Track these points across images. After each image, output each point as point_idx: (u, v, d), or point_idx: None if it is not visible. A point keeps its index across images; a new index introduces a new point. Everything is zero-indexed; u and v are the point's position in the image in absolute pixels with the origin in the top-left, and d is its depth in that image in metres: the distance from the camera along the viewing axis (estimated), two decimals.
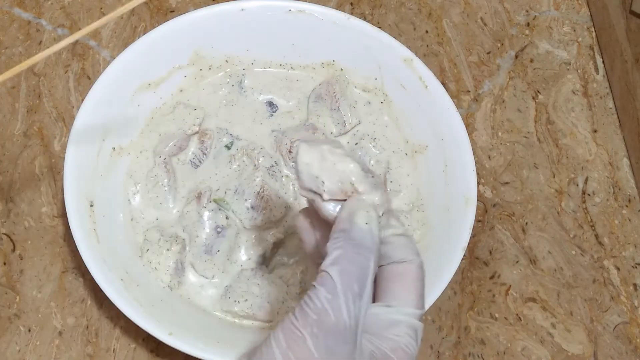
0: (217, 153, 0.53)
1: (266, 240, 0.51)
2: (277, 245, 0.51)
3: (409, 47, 0.53)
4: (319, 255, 0.35)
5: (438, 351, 0.51)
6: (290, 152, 0.52)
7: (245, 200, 0.51)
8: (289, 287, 0.49)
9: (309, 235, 0.36)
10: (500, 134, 0.59)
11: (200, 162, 0.53)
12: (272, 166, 0.52)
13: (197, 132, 0.54)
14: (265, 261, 0.51)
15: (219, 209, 0.51)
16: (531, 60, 0.63)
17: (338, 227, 0.32)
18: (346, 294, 0.29)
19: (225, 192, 0.51)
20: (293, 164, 0.52)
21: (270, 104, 0.55)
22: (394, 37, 0.53)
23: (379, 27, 0.55)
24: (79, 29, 0.61)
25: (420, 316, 0.33)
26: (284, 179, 0.53)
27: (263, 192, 0.51)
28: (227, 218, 0.51)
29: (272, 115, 0.55)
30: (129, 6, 0.33)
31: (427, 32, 0.63)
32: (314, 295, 0.29)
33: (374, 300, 0.33)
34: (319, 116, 0.54)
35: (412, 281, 0.33)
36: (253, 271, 0.50)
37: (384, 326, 0.32)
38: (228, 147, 0.53)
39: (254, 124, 0.54)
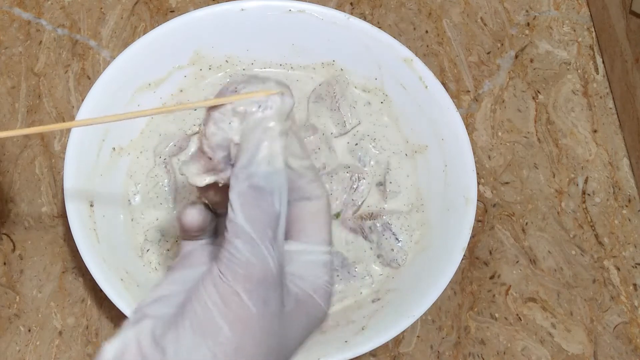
0: None
1: None
2: None
3: (409, 47, 0.53)
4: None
5: (438, 351, 0.51)
6: None
7: None
8: None
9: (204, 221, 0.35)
10: (500, 134, 0.59)
11: None
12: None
13: (197, 133, 0.54)
14: None
15: None
16: (531, 60, 0.63)
17: (238, 164, 0.30)
18: (264, 241, 0.29)
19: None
20: None
21: None
22: (394, 37, 0.53)
23: (379, 27, 0.55)
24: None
25: (330, 250, 0.33)
26: None
27: None
28: None
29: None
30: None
31: (427, 32, 0.63)
32: (233, 249, 0.29)
33: (287, 236, 0.33)
34: (319, 116, 0.54)
35: (323, 219, 0.33)
36: None
37: (303, 267, 0.32)
38: None
39: None
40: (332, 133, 0.54)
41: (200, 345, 0.28)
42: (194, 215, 0.34)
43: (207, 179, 0.32)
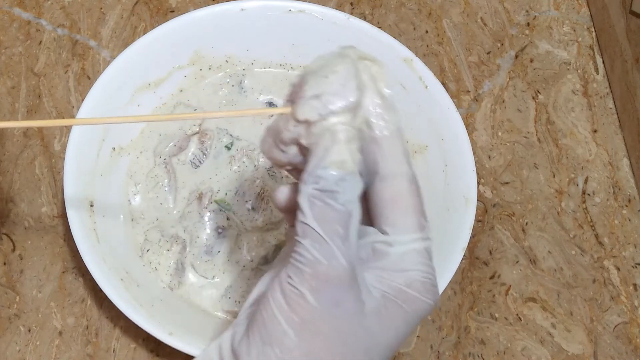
0: (217, 153, 0.53)
1: (268, 242, 0.51)
2: (279, 247, 0.51)
3: (409, 47, 0.53)
4: None
5: (438, 351, 0.51)
6: None
7: (246, 201, 0.51)
8: None
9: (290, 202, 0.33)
10: (500, 134, 0.59)
11: (200, 162, 0.53)
12: (272, 167, 0.52)
13: (197, 133, 0.54)
14: (267, 263, 0.51)
15: (220, 210, 0.51)
16: (531, 60, 0.63)
17: (308, 168, 0.29)
18: (333, 239, 0.27)
19: (226, 194, 0.51)
20: None
21: (270, 104, 0.56)
22: (394, 37, 0.53)
23: (379, 27, 0.55)
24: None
25: (426, 234, 0.30)
26: (283, 180, 0.53)
27: (263, 193, 0.51)
28: (227, 219, 0.51)
29: (272, 116, 0.55)
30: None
31: (427, 32, 0.63)
32: (301, 249, 0.27)
33: (371, 225, 0.31)
34: None
35: (407, 201, 0.30)
36: (254, 271, 0.50)
37: (391, 261, 0.29)
38: (228, 148, 0.53)
39: (254, 124, 0.54)
40: None
41: (268, 354, 0.26)
42: (284, 192, 0.32)
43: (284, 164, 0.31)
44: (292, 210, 0.32)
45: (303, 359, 0.26)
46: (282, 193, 0.32)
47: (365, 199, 0.31)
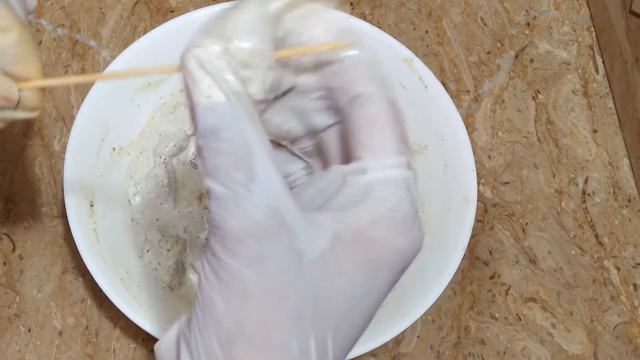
0: None
1: None
2: None
3: (409, 47, 0.53)
4: None
5: (438, 351, 0.51)
6: None
7: None
8: None
9: None
10: (500, 134, 0.59)
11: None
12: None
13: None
14: None
15: None
16: (531, 60, 0.63)
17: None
18: (233, 189, 0.23)
19: None
20: None
21: None
22: (394, 37, 0.53)
23: (379, 27, 0.55)
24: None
25: (406, 163, 0.25)
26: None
27: None
28: None
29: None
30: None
31: (427, 32, 0.63)
32: (210, 212, 0.24)
33: (339, 159, 0.27)
34: None
35: (385, 124, 0.25)
36: None
37: (355, 194, 0.24)
38: None
39: None
40: None
41: (206, 330, 0.23)
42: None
43: None
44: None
45: (237, 327, 0.23)
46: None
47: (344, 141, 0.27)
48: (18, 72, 0.29)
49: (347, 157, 0.26)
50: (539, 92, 0.61)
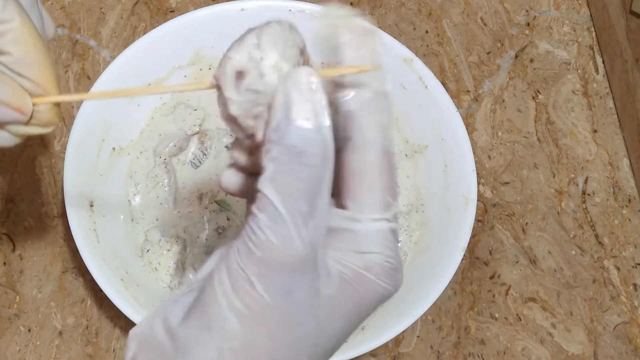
0: (217, 153, 0.53)
1: None
2: None
3: (409, 47, 0.53)
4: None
5: (438, 351, 0.51)
6: None
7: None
8: None
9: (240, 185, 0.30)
10: (500, 134, 0.59)
11: (200, 162, 0.53)
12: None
13: (197, 133, 0.54)
14: None
15: (220, 210, 0.51)
16: (531, 60, 0.63)
17: (271, 125, 0.24)
18: (294, 218, 0.23)
19: (226, 194, 0.51)
20: None
21: None
22: (394, 37, 0.53)
23: (379, 27, 0.55)
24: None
25: (392, 215, 0.26)
26: None
27: None
28: (228, 219, 0.51)
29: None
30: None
31: (427, 32, 0.63)
32: (255, 225, 0.23)
33: (334, 198, 0.27)
34: None
35: (374, 175, 0.26)
36: None
37: (350, 240, 0.26)
38: (228, 148, 0.53)
39: None
40: None
41: (205, 340, 0.24)
42: (229, 177, 0.29)
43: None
44: (245, 194, 0.30)
45: (242, 349, 0.23)
46: (227, 177, 0.29)
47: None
48: (33, 86, 0.29)
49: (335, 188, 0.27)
50: (539, 92, 0.61)
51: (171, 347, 0.24)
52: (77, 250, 0.45)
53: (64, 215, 0.54)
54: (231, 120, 0.26)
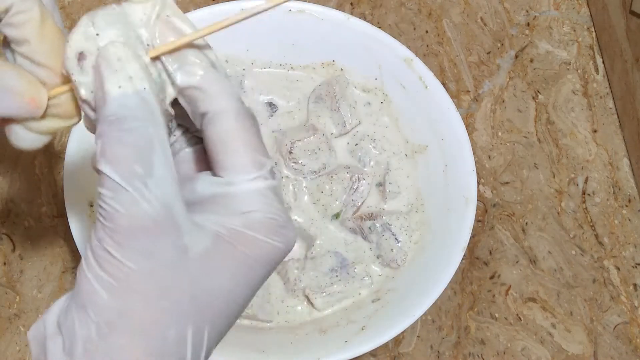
0: None
1: None
2: None
3: (409, 47, 0.53)
4: None
5: (438, 351, 0.51)
6: (290, 152, 0.52)
7: None
8: (285, 284, 0.49)
9: None
10: (500, 134, 0.59)
11: None
12: (272, 167, 0.52)
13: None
14: None
15: None
16: (531, 60, 0.63)
17: (92, 104, 0.26)
18: (131, 182, 0.23)
19: None
20: (293, 164, 0.52)
21: (270, 104, 0.55)
22: (394, 37, 0.53)
23: (379, 27, 0.55)
24: None
25: (268, 172, 0.27)
26: (283, 180, 0.53)
27: None
28: None
29: (272, 116, 0.55)
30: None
31: (427, 32, 0.63)
32: (101, 201, 0.24)
33: (204, 168, 0.28)
34: (319, 117, 0.54)
35: (236, 139, 0.27)
36: None
37: (227, 204, 0.26)
38: None
39: None
40: (332, 133, 0.54)
41: (83, 318, 0.24)
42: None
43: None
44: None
45: (118, 319, 0.24)
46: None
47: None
48: (51, 75, 0.28)
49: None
50: (539, 92, 0.61)
51: (61, 337, 0.24)
52: (77, 250, 0.45)
53: (64, 215, 0.54)
54: (86, 104, 0.27)
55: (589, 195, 0.58)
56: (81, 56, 0.26)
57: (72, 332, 0.24)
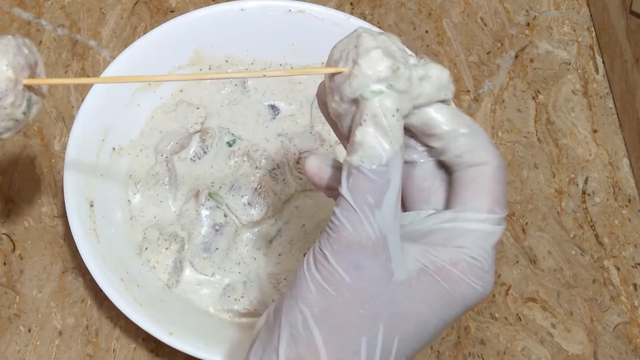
0: (218, 151, 0.53)
1: (266, 239, 0.51)
2: (274, 240, 0.51)
3: (409, 47, 0.53)
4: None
5: (438, 351, 0.51)
6: (297, 163, 0.52)
7: (242, 196, 0.51)
8: (283, 282, 0.49)
9: (320, 178, 0.34)
10: (500, 134, 0.59)
11: (199, 158, 0.53)
12: (274, 169, 0.52)
13: (199, 131, 0.54)
14: (265, 258, 0.51)
15: (217, 207, 0.51)
16: (531, 60, 0.63)
17: (348, 148, 0.29)
18: (361, 207, 0.28)
19: (220, 187, 0.51)
20: (299, 174, 0.52)
21: (273, 107, 0.55)
22: None
23: (379, 27, 0.55)
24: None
25: (498, 220, 0.29)
26: (284, 182, 0.53)
27: (260, 188, 0.51)
28: (225, 216, 0.51)
29: (274, 118, 0.55)
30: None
31: (427, 32, 0.63)
32: (333, 217, 0.29)
33: (445, 206, 0.31)
34: (324, 123, 0.54)
35: (486, 184, 0.30)
36: (252, 267, 0.50)
37: (445, 237, 0.29)
38: (230, 144, 0.53)
39: (257, 125, 0.54)
40: (337, 142, 0.54)
41: (294, 307, 0.29)
42: (312, 163, 0.33)
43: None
44: (320, 179, 0.33)
45: (321, 315, 0.28)
46: (311, 163, 0.33)
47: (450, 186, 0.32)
48: None
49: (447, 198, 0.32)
50: (539, 92, 0.61)
51: (275, 322, 0.29)
52: (77, 250, 0.45)
53: (64, 215, 0.54)
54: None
55: (589, 195, 0.58)
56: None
57: (284, 316, 0.29)
